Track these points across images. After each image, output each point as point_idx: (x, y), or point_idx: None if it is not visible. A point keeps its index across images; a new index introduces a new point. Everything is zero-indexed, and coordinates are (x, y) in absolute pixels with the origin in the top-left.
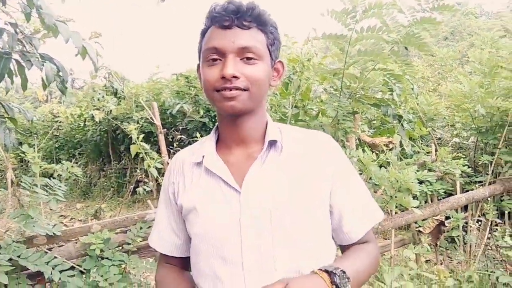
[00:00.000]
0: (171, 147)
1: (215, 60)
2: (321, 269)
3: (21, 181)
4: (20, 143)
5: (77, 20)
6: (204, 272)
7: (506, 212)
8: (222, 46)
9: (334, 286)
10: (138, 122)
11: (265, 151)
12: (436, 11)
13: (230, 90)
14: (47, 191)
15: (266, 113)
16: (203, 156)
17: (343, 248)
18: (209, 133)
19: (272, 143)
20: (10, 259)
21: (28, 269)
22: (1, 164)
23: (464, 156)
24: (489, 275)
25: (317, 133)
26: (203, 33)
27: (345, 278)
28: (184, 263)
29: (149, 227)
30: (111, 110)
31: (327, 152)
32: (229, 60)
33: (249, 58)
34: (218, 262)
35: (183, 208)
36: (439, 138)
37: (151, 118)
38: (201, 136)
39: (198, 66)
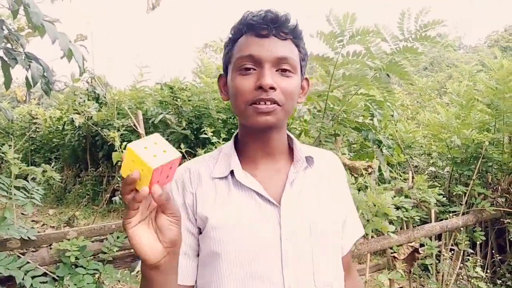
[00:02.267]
0: None
1: (249, 69)
2: None
3: None
4: None
5: (63, 21)
6: None
7: (478, 243)
8: (259, 54)
9: None
10: (118, 130)
11: (297, 166)
12: (418, 41)
13: (265, 103)
14: (24, 194)
15: None
16: (232, 171)
17: None
18: (190, 146)
19: (306, 158)
20: None
21: None
22: None
23: (439, 186)
24: None
25: (328, 152)
26: (233, 41)
27: None
28: None
29: (126, 237)
30: (91, 116)
31: (340, 170)
32: (266, 70)
33: (284, 70)
34: (253, 283)
35: (207, 223)
36: (416, 166)
37: (134, 125)
38: (184, 148)
39: (220, 76)
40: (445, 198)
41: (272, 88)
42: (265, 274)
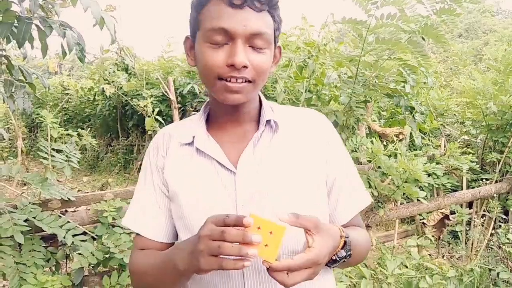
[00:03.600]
0: None
1: (219, 42)
2: (338, 227)
3: (30, 150)
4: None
5: None
6: None
7: (511, 210)
8: (233, 28)
9: (343, 242)
10: (149, 98)
11: (261, 132)
12: (455, 2)
13: (236, 80)
14: (62, 157)
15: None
16: (194, 137)
17: None
18: None
19: (267, 122)
20: (26, 220)
21: (42, 232)
22: (10, 133)
23: (472, 153)
24: (489, 270)
25: (310, 111)
26: (201, 3)
27: (350, 246)
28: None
29: None
30: (121, 86)
31: (322, 131)
32: (239, 47)
33: (258, 46)
34: None
35: (169, 188)
36: (448, 135)
37: (166, 93)
38: None
39: (187, 38)
40: (478, 166)
41: (244, 66)
42: None
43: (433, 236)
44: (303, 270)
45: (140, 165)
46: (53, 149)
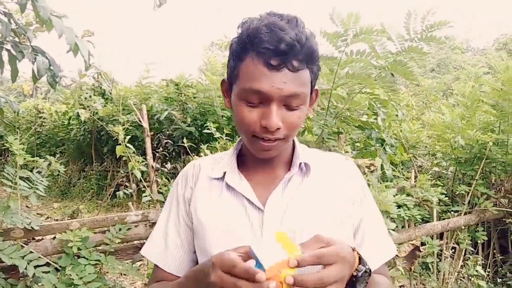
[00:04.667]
0: (156, 151)
1: (255, 102)
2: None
3: (0, 174)
4: (1, 137)
5: (70, 18)
6: None
7: (479, 242)
8: (268, 92)
9: (358, 258)
10: (123, 125)
11: (292, 173)
12: (424, 41)
13: (270, 139)
14: (28, 184)
15: None
16: (224, 172)
17: None
18: (194, 142)
19: (302, 165)
20: None
21: (2, 262)
22: None
23: (442, 185)
24: None
25: (338, 155)
26: (239, 56)
27: (366, 278)
28: None
29: (129, 229)
30: (97, 111)
31: (352, 177)
32: (274, 110)
33: (293, 105)
34: None
35: (194, 220)
36: (420, 166)
37: (139, 120)
38: (188, 142)
39: (224, 81)
40: (447, 198)
41: (278, 128)
42: None
43: (404, 267)
44: (331, 267)
45: (113, 191)
46: (19, 177)
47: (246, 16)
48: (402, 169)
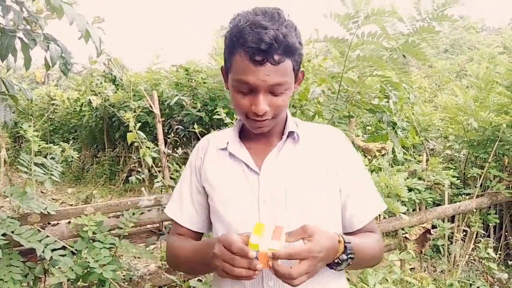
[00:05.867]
0: (168, 136)
1: (245, 91)
2: (342, 240)
3: (15, 161)
4: (15, 124)
5: (80, 4)
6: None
7: (491, 225)
8: (254, 83)
9: (343, 248)
10: (134, 111)
11: (284, 141)
12: (435, 21)
13: (260, 121)
14: (43, 170)
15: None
16: (228, 143)
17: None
18: (205, 127)
19: (290, 134)
20: (4, 234)
21: (20, 246)
22: None
23: (454, 168)
24: (470, 285)
25: (328, 127)
26: (232, 52)
27: (349, 259)
28: (195, 238)
29: (142, 213)
30: (108, 97)
31: (338, 144)
32: (260, 98)
33: (278, 92)
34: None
35: (205, 186)
36: (432, 149)
37: (150, 106)
38: (198, 128)
39: (222, 68)
40: (459, 181)
41: (265, 112)
42: (245, 231)
43: (415, 250)
44: (303, 262)
45: (125, 177)
46: (34, 163)
47: (237, 11)
48: (413, 152)
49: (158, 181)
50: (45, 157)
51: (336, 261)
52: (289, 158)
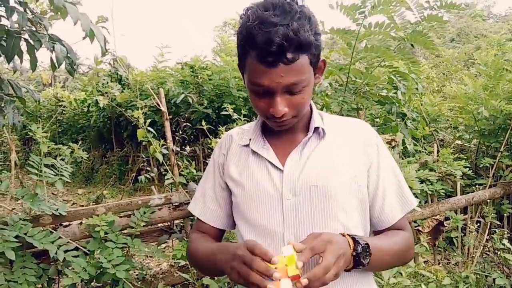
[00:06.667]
0: (175, 134)
1: (261, 93)
2: (349, 235)
3: (24, 163)
4: (24, 126)
5: (84, 4)
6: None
7: (505, 215)
8: (269, 85)
9: (355, 253)
10: (142, 110)
11: (309, 137)
12: (443, 9)
13: (280, 121)
14: (53, 172)
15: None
16: (250, 139)
17: (376, 234)
18: (212, 124)
19: (315, 129)
20: (17, 236)
21: (33, 248)
22: (4, 146)
23: (465, 158)
24: (486, 276)
25: (356, 120)
26: (245, 54)
27: (367, 251)
28: (217, 236)
29: (153, 212)
30: (115, 97)
31: (366, 138)
32: (277, 100)
33: (295, 91)
34: (259, 239)
35: (228, 182)
36: (442, 140)
37: (157, 104)
38: (206, 125)
39: (238, 66)
40: (471, 171)
41: (284, 113)
42: (268, 230)
43: (428, 243)
44: (325, 255)
45: (134, 176)
46: (44, 165)
47: (247, 4)
48: (424, 143)
49: (168, 179)
50: (55, 158)
51: (354, 254)
52: (314, 154)
